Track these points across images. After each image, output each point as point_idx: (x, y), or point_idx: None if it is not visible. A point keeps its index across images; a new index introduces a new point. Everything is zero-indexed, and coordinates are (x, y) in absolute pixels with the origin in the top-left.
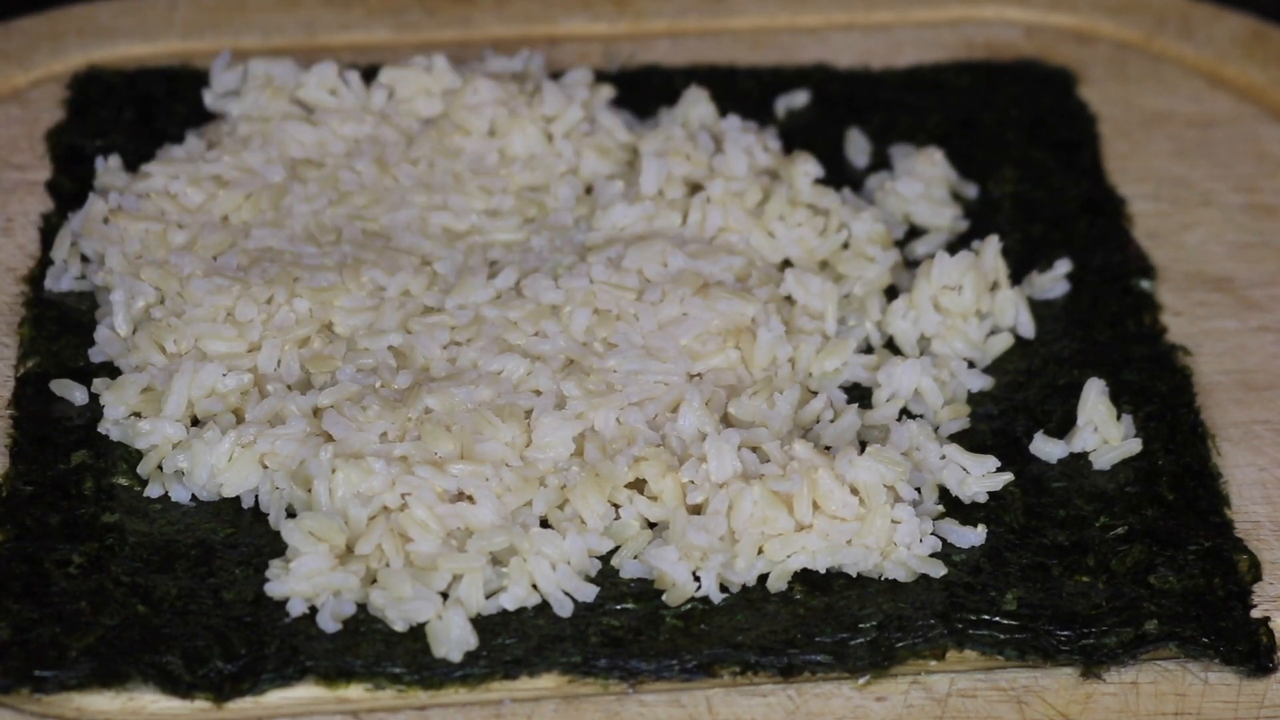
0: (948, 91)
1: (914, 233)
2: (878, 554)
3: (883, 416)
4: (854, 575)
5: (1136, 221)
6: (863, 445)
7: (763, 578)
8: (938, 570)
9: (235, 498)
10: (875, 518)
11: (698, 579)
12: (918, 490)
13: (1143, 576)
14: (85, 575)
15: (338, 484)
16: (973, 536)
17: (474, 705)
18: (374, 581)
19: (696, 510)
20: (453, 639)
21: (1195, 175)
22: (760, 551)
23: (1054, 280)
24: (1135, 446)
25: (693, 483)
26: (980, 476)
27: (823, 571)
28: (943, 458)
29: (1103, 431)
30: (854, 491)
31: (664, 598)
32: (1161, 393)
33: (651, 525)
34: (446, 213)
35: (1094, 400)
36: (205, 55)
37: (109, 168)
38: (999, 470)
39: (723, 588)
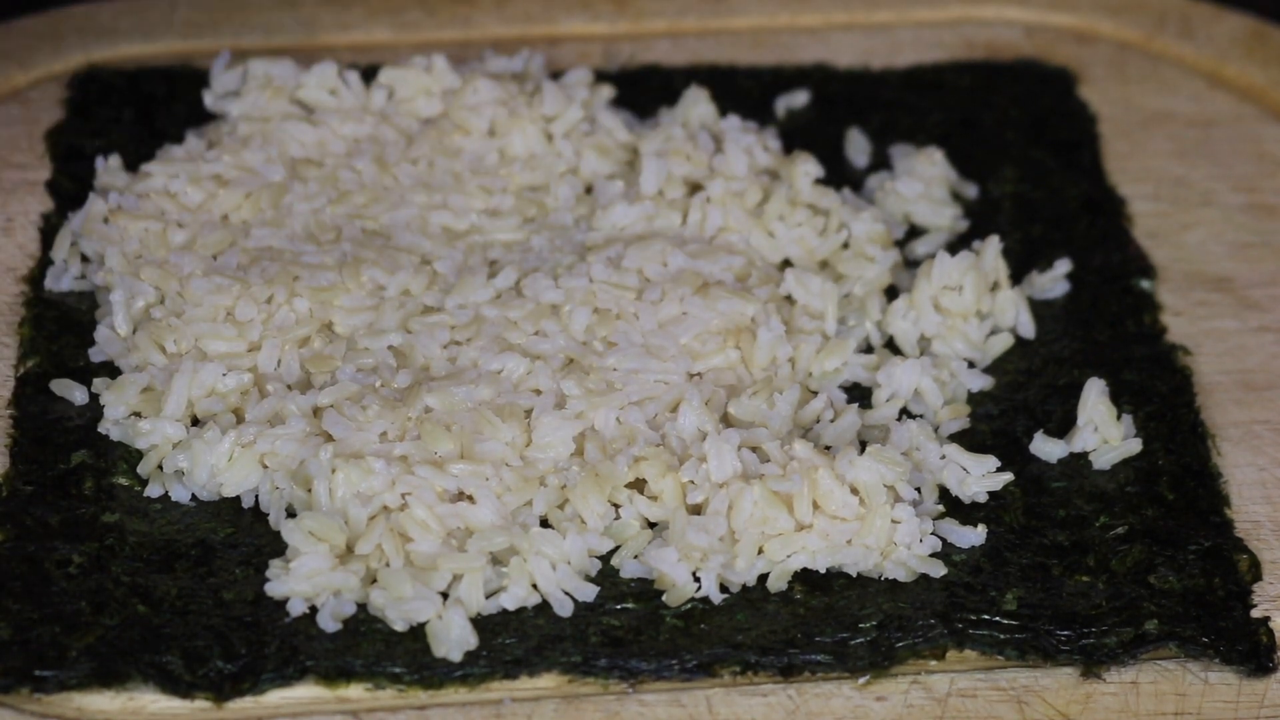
0: (948, 91)
1: (914, 233)
2: (878, 554)
3: (883, 416)
4: (854, 575)
5: (1136, 221)
6: (863, 445)
7: (763, 577)
8: (938, 570)
9: (235, 498)
10: (875, 518)
11: (698, 579)
12: (918, 490)
13: (1143, 576)
14: (85, 575)
15: (338, 484)
16: (973, 536)
17: (474, 705)
18: (374, 581)
19: (696, 510)
20: (453, 639)
21: (1195, 175)
22: (760, 551)
23: (1054, 280)
24: (1135, 446)
25: (692, 483)
26: (980, 476)
27: (823, 571)
28: (943, 458)
29: (1103, 431)
30: (854, 491)
31: (664, 598)
32: (1161, 393)
33: (651, 525)
34: (446, 212)
35: (1094, 400)
36: (205, 55)
37: (109, 168)
38: (999, 470)
39: (723, 588)
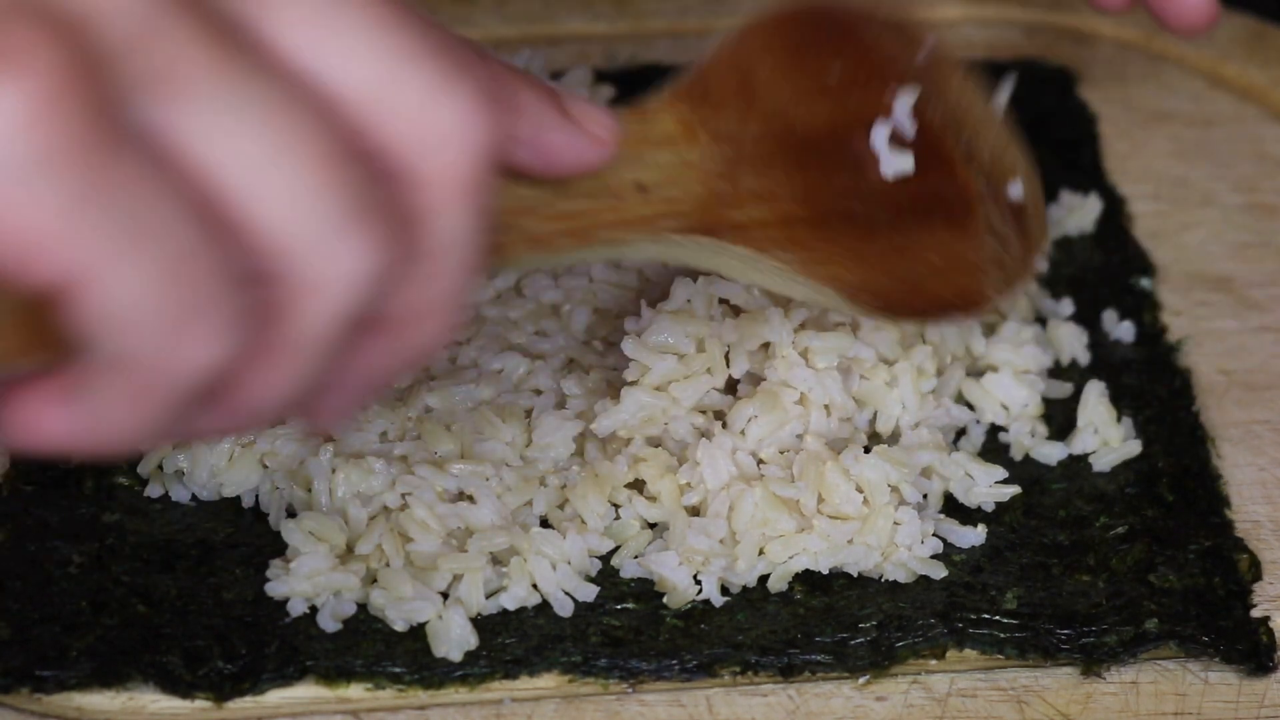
0: None
1: None
2: (878, 554)
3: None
4: (854, 575)
5: (1136, 221)
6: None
7: (764, 578)
8: (938, 572)
9: (235, 498)
10: (878, 517)
11: (698, 582)
12: (924, 496)
13: (1143, 575)
14: (85, 575)
15: (338, 484)
16: (973, 536)
17: (474, 705)
18: (374, 581)
19: (695, 511)
20: (453, 639)
21: (1195, 175)
22: (761, 553)
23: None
24: (1135, 448)
25: (689, 484)
26: (987, 487)
27: (825, 572)
28: (952, 464)
29: (1103, 433)
30: (858, 489)
31: (665, 600)
32: (1161, 394)
33: (651, 526)
34: None
35: (1094, 402)
36: None
37: None
38: (1005, 482)
39: (723, 589)
